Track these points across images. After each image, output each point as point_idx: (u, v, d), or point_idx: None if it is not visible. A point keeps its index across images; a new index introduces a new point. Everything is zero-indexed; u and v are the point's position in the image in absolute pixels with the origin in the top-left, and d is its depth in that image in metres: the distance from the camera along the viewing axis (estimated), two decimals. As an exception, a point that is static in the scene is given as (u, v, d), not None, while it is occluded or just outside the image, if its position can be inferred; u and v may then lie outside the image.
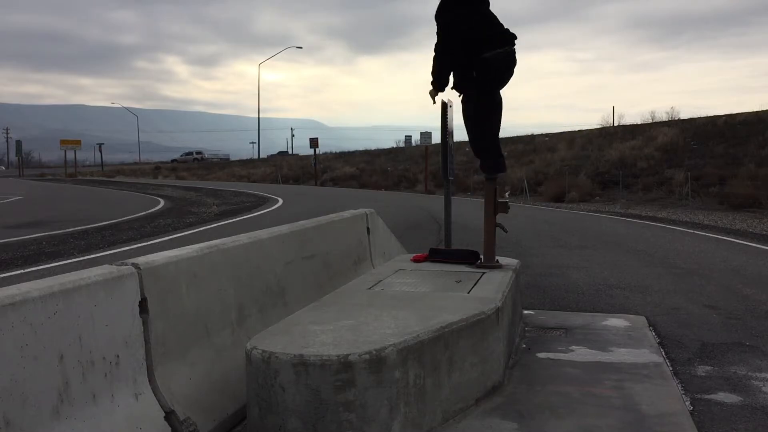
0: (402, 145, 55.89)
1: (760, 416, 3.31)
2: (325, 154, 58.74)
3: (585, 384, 3.74)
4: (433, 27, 4.79)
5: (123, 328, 2.52)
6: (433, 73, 4.83)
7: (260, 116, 61.20)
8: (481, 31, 4.61)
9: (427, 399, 2.98)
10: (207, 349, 3.04)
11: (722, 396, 3.62)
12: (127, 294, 2.58)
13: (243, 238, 3.61)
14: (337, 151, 65.70)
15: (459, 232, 8.87)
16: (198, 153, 78.77)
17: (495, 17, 4.67)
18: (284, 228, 4.15)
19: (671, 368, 4.09)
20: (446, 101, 5.28)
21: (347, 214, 5.28)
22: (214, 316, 3.14)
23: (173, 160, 76.26)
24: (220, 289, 3.22)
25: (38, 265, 8.13)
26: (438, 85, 4.87)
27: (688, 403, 3.50)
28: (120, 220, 15.03)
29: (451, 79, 4.86)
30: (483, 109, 4.80)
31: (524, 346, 4.52)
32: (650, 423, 3.17)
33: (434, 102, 5.02)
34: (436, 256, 5.26)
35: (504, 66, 4.68)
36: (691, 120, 35.33)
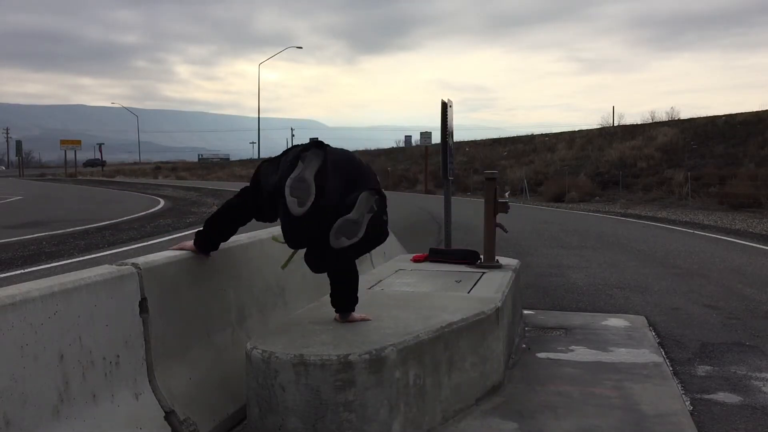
0: (402, 145, 55.77)
1: (760, 416, 3.31)
2: (324, 154, 58.51)
3: (585, 384, 3.74)
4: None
5: (123, 328, 2.52)
6: None
7: (260, 116, 61.13)
8: None
9: (427, 399, 2.98)
10: (207, 349, 3.03)
11: (722, 396, 3.62)
12: (128, 294, 2.57)
13: (243, 238, 3.61)
14: (337, 151, 65.45)
15: (459, 232, 8.87)
16: None
17: None
18: (284, 228, 4.14)
19: (671, 368, 4.09)
20: (446, 101, 5.28)
21: (347, 214, 5.26)
22: (214, 315, 3.14)
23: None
24: (220, 289, 3.22)
25: (38, 265, 8.12)
26: None
27: (688, 403, 3.50)
28: (120, 219, 15.03)
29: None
30: None
31: (524, 346, 4.51)
32: (650, 423, 3.17)
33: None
34: (436, 256, 5.26)
35: None
36: (691, 120, 35.27)
